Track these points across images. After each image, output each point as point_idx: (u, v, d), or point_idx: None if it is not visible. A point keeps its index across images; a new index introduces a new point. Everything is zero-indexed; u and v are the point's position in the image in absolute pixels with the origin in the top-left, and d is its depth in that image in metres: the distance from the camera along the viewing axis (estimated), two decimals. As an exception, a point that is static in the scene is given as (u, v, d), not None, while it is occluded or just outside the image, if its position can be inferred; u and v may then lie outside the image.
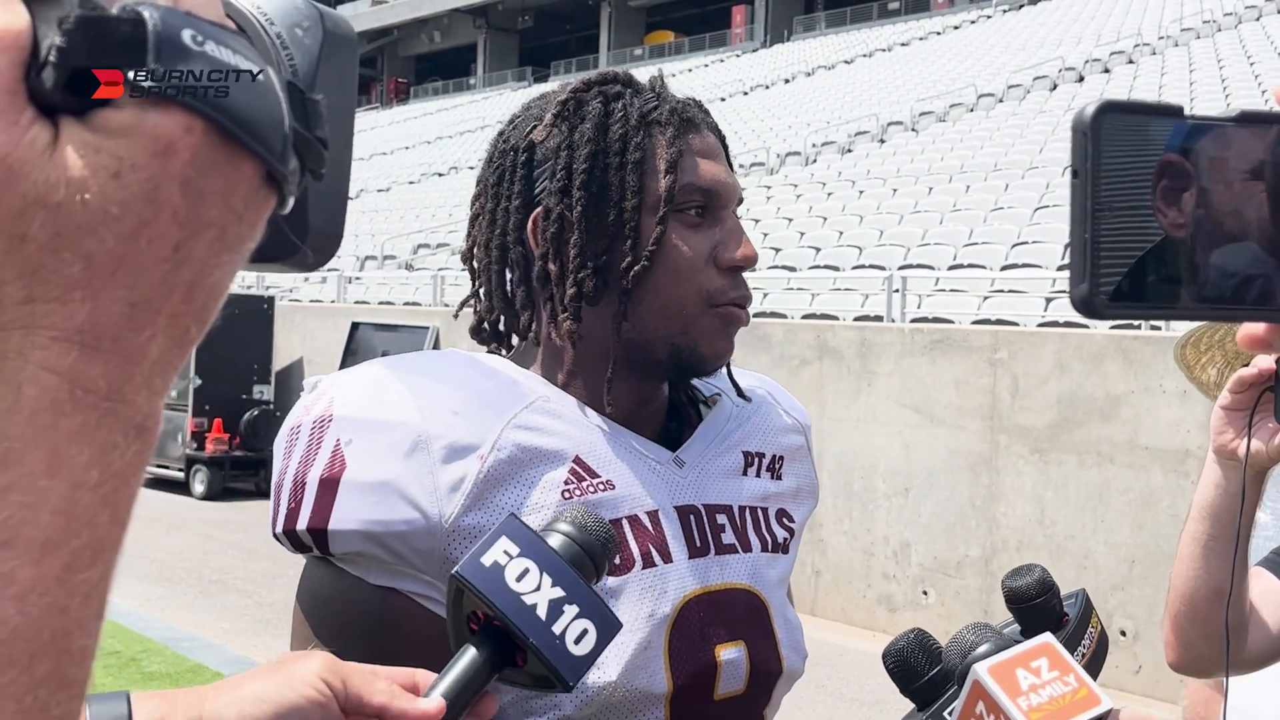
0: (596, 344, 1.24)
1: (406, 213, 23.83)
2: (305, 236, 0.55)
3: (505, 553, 0.89)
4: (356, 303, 15.52)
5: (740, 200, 1.28)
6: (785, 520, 1.35)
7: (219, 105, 0.46)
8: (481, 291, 1.31)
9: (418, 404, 1.14)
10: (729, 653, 1.22)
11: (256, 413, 13.21)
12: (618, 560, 1.16)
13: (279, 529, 1.15)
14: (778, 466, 1.36)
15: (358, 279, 17.09)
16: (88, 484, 0.46)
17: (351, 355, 12.98)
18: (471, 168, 27.34)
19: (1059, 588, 1.33)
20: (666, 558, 1.20)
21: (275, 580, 8.79)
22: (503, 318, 1.30)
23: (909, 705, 1.23)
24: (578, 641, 0.88)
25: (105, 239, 0.45)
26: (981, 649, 1.10)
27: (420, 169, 29.74)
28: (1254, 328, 0.62)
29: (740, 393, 1.36)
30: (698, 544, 1.24)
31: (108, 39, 0.45)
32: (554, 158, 1.23)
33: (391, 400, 1.14)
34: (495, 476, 1.13)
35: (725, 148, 1.30)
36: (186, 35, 0.46)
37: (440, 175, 28.43)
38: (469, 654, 0.88)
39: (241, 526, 11.01)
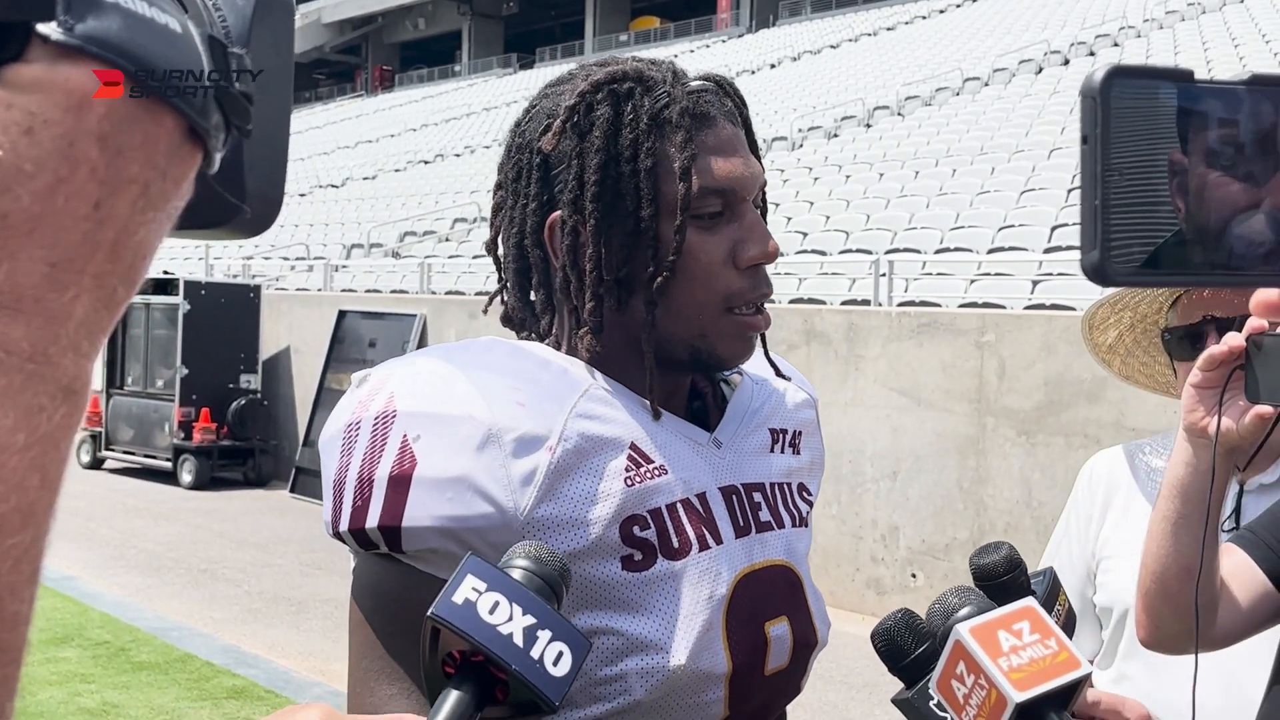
0: (620, 345, 1.23)
1: (393, 200, 23.77)
2: (243, 201, 0.54)
3: (474, 589, 0.91)
4: (343, 291, 15.49)
5: (764, 184, 1.26)
6: (805, 494, 1.37)
7: (134, 57, 0.45)
8: (509, 284, 1.31)
9: (484, 397, 1.13)
10: (776, 628, 1.25)
11: (244, 402, 13.19)
12: (675, 544, 1.18)
13: (344, 527, 1.12)
14: (798, 442, 1.37)
15: (344, 267, 17.04)
16: (14, 447, 0.45)
17: (339, 344, 12.96)
18: (458, 155, 27.30)
19: (1026, 565, 1.33)
20: (718, 539, 1.21)
21: (264, 569, 8.78)
22: (524, 316, 1.29)
23: (898, 686, 1.24)
24: (555, 663, 0.91)
25: (20, 197, 0.44)
26: (964, 610, 1.11)
27: (406, 157, 29.65)
28: (1269, 293, 0.61)
29: (779, 373, 1.38)
30: (741, 524, 1.25)
31: None
32: (566, 164, 1.21)
33: (457, 394, 1.13)
34: (564, 467, 1.13)
35: (747, 126, 1.27)
36: None
37: (426, 163, 28.34)
38: (452, 695, 0.90)
39: (230, 516, 11.00)
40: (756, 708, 1.24)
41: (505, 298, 1.32)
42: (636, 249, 1.20)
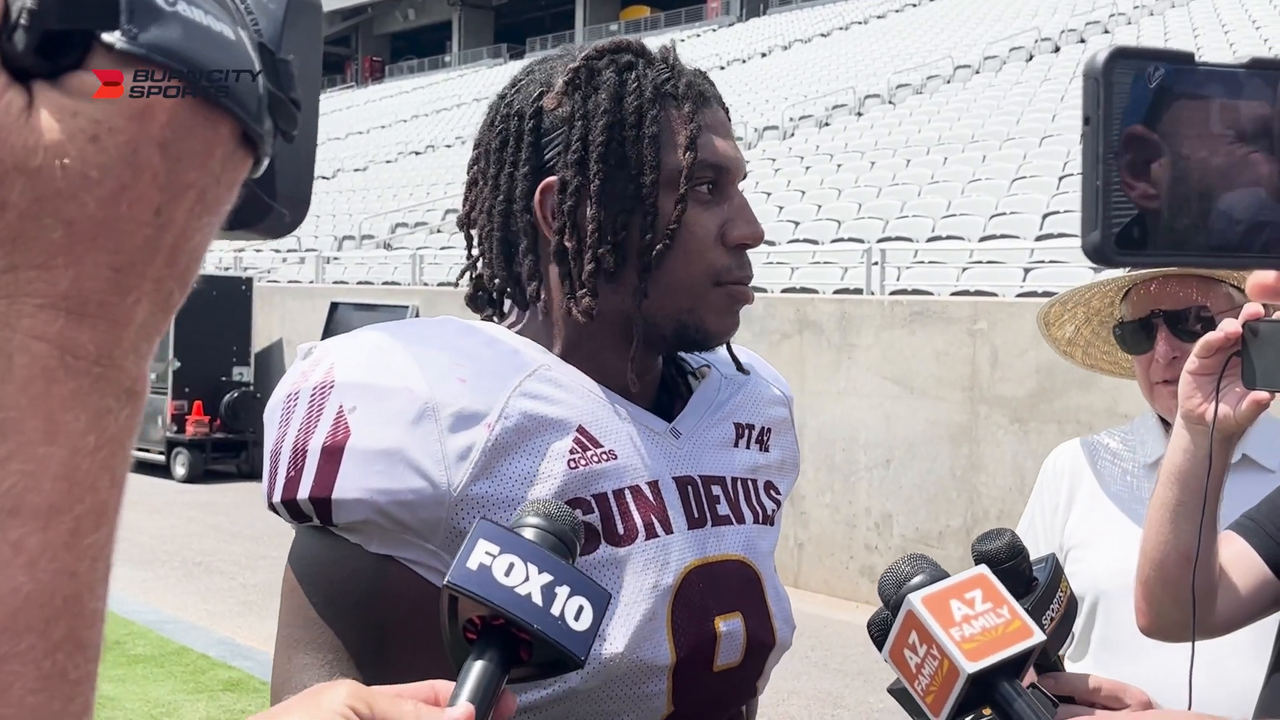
0: (606, 319, 1.22)
1: (384, 192, 23.71)
2: (274, 202, 0.55)
3: (487, 553, 0.90)
4: (335, 283, 15.47)
5: (745, 175, 1.27)
6: (772, 492, 1.34)
7: (195, 65, 0.46)
8: (480, 260, 1.29)
9: (423, 371, 1.11)
10: (728, 624, 1.22)
11: (236, 394, 13.17)
12: (621, 531, 1.16)
13: (277, 498, 1.11)
14: (765, 439, 1.35)
15: (336, 259, 17.02)
16: (86, 449, 0.46)
17: (331, 336, 12.93)
18: (449, 146, 27.23)
19: (1029, 552, 1.34)
20: (668, 528, 1.19)
21: (258, 562, 8.78)
22: (506, 286, 1.27)
23: (892, 676, 1.24)
24: (577, 618, 0.90)
25: (86, 203, 0.45)
26: (916, 579, 1.09)
27: (397, 148, 29.59)
28: (1264, 275, 0.62)
29: (740, 366, 1.36)
30: (695, 515, 1.23)
31: (79, 0, 0.44)
32: (567, 126, 1.20)
33: (396, 366, 1.11)
34: (503, 445, 1.11)
35: (730, 122, 1.29)
36: None
37: (417, 154, 28.29)
38: (477, 662, 0.89)
39: (223, 509, 10.99)
40: (703, 704, 1.21)
41: (476, 273, 1.30)
42: (634, 216, 1.20)
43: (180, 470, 12.88)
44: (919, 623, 1.05)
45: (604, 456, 1.17)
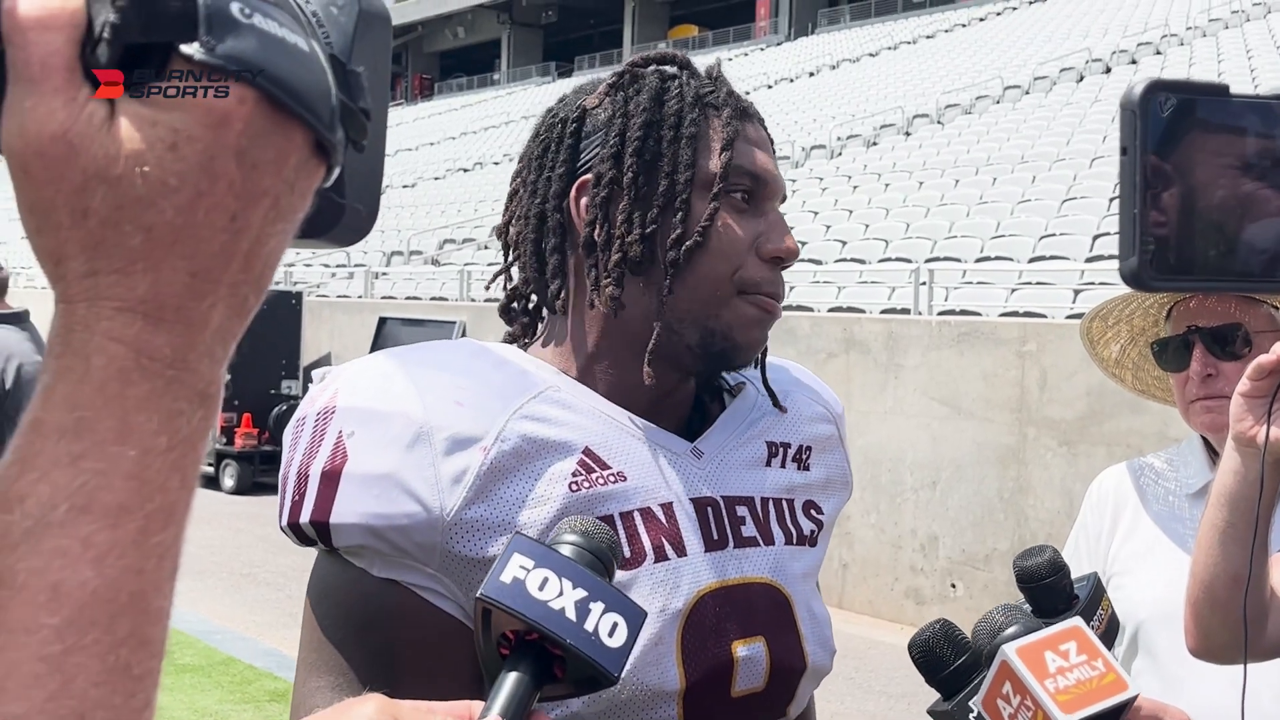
0: (629, 322, 1.21)
1: (432, 208, 23.88)
2: (343, 211, 0.56)
3: (521, 567, 0.90)
4: (383, 298, 15.58)
5: (784, 197, 1.27)
6: (813, 511, 1.31)
7: (270, 75, 0.47)
8: (514, 269, 1.29)
9: (420, 395, 1.11)
10: (746, 649, 1.19)
11: (285, 407, 13.26)
12: (628, 554, 1.14)
13: (284, 522, 1.13)
14: (805, 457, 1.32)
15: (384, 274, 17.14)
16: (157, 450, 0.47)
17: (379, 350, 13.01)
18: (496, 163, 27.39)
19: (1070, 568, 1.33)
20: (680, 551, 1.17)
21: (304, 574, 8.76)
22: (534, 288, 1.27)
23: (936, 696, 1.23)
24: (611, 634, 0.89)
25: (164, 210, 0.46)
26: (1010, 630, 1.10)
27: (445, 165, 29.79)
28: None
29: (775, 400, 1.32)
30: (715, 537, 1.20)
31: (160, 14, 0.45)
32: (606, 126, 1.21)
33: (395, 391, 1.12)
34: (499, 468, 1.10)
35: (772, 144, 1.29)
36: (235, 8, 0.47)
37: (465, 171, 28.47)
38: (510, 676, 0.88)
39: (270, 521, 10.99)
40: None
41: (510, 282, 1.30)
42: (665, 213, 1.20)
43: (229, 482, 12.99)
44: (1013, 674, 1.05)
45: (612, 478, 1.15)
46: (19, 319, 4.00)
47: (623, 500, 1.15)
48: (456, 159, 30.36)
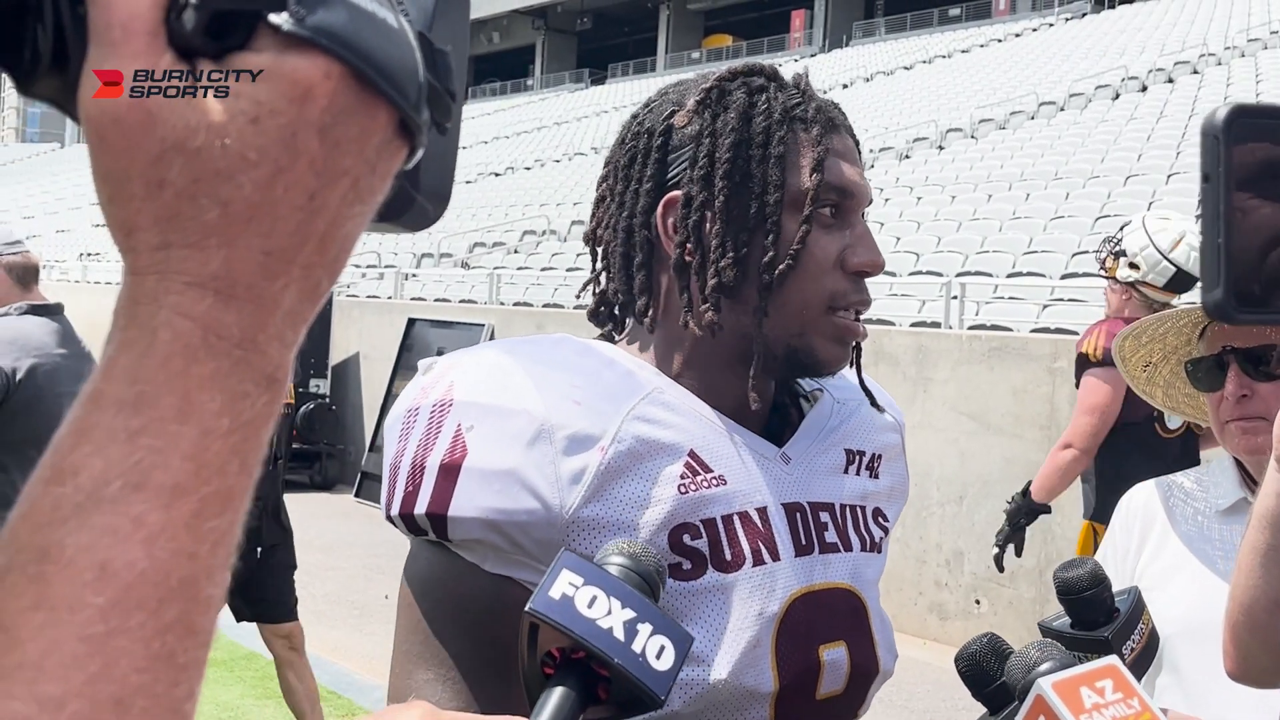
0: (722, 337, 1.22)
1: (463, 211, 23.94)
2: (417, 195, 0.54)
3: (570, 584, 0.89)
4: (413, 299, 15.62)
5: (870, 202, 1.27)
6: (880, 520, 1.33)
7: (358, 50, 0.45)
8: (603, 275, 1.29)
9: (540, 392, 1.12)
10: (831, 653, 1.21)
11: (313, 406, 13.31)
12: (729, 557, 1.15)
13: (395, 511, 1.13)
14: (876, 465, 1.34)
15: (414, 276, 17.19)
16: (218, 431, 0.45)
17: (407, 351, 13.05)
18: (528, 168, 27.46)
19: (1111, 582, 1.32)
20: (775, 556, 1.18)
21: (328, 572, 8.85)
22: (627, 302, 1.28)
23: (957, 716, 1.22)
24: (658, 657, 0.88)
25: (243, 185, 0.45)
26: (1045, 665, 1.09)
27: (477, 169, 29.87)
28: None
29: (873, 400, 1.34)
30: (803, 542, 1.22)
31: None
32: (695, 144, 1.21)
33: (514, 387, 1.12)
34: (615, 468, 1.12)
35: (859, 150, 1.29)
36: None
37: (497, 175, 28.54)
38: (556, 692, 0.87)
39: (297, 518, 11.02)
40: None
41: (599, 287, 1.30)
42: (756, 235, 1.20)
43: (255, 479, 13.03)
44: (1048, 708, 1.04)
45: (713, 482, 1.17)
46: (51, 311, 4.00)
47: (724, 504, 1.17)
48: (488, 163, 30.44)
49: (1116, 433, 4.64)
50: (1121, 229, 4.77)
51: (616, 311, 1.30)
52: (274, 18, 0.44)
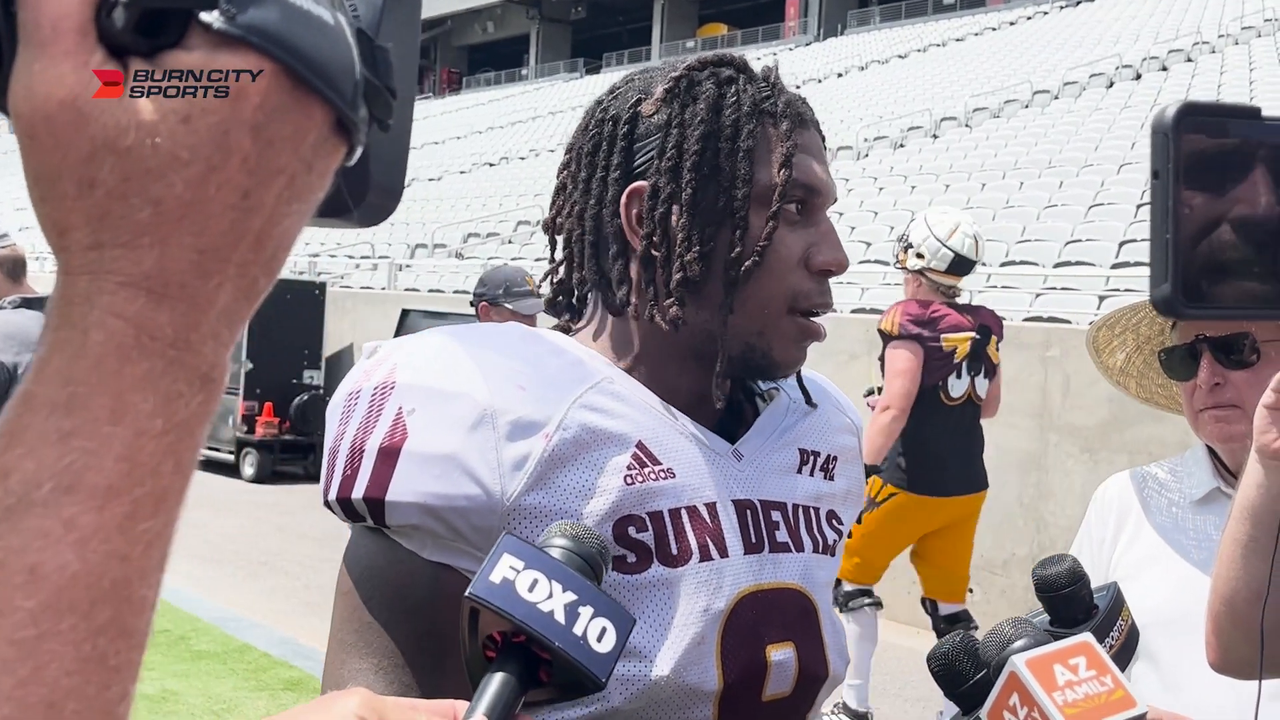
0: (682, 331, 1.20)
1: (457, 202, 23.92)
2: (367, 191, 0.54)
3: (511, 568, 0.88)
4: (407, 290, 15.61)
5: (834, 200, 1.25)
6: (834, 523, 1.31)
7: (291, 48, 0.45)
8: (564, 264, 1.27)
9: (485, 377, 1.09)
10: (779, 653, 1.18)
11: (306, 397, 13.31)
12: (675, 551, 1.13)
13: (332, 496, 1.11)
14: (831, 467, 1.32)
15: (408, 266, 17.18)
16: (152, 432, 0.45)
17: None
18: (522, 158, 27.42)
19: (1089, 578, 1.32)
20: (723, 552, 1.16)
21: (322, 563, 8.86)
22: (593, 290, 1.25)
23: (951, 705, 1.22)
24: (599, 640, 0.88)
25: (174, 184, 0.44)
26: (1019, 642, 1.09)
27: (471, 159, 29.82)
28: None
29: (809, 399, 1.32)
30: (753, 540, 1.19)
31: None
32: (662, 134, 1.19)
33: (458, 371, 1.10)
34: (559, 456, 1.09)
35: (825, 148, 1.27)
36: None
37: (491, 165, 28.49)
38: (496, 676, 0.87)
39: (290, 510, 11.10)
40: None
41: (557, 276, 1.28)
42: (722, 229, 1.18)
43: (249, 470, 13.03)
44: (1021, 685, 1.04)
45: (662, 474, 1.14)
46: (44, 303, 4.00)
47: (672, 497, 1.14)
48: (483, 153, 30.39)
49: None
50: (909, 225, 5.55)
51: (575, 301, 1.28)
52: (205, 16, 0.44)
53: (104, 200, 0.44)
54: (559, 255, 1.28)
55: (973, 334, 5.43)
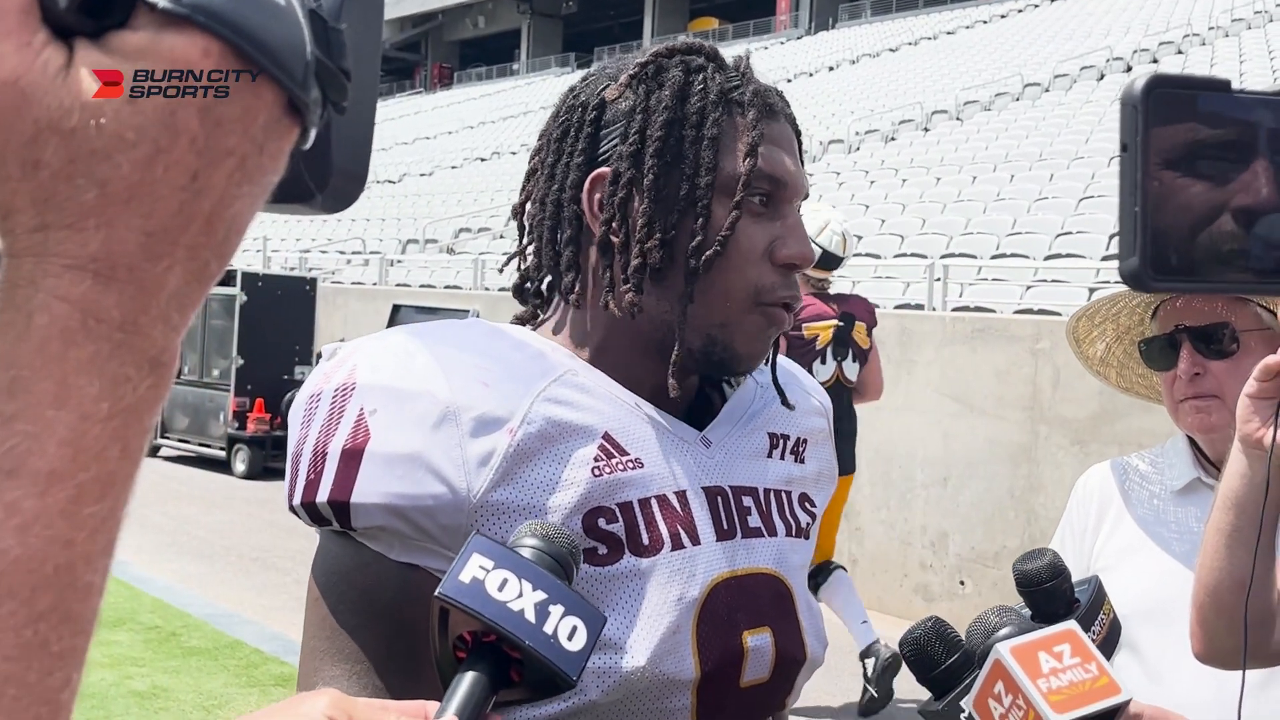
0: (641, 322, 1.19)
1: (449, 197, 23.89)
2: (329, 176, 0.54)
3: (481, 568, 0.88)
4: (398, 285, 15.60)
5: (805, 196, 1.23)
6: (807, 505, 1.30)
7: (238, 27, 0.44)
8: (530, 250, 1.26)
9: (446, 374, 1.08)
10: (756, 639, 1.18)
11: (297, 393, 13.29)
12: (646, 541, 1.12)
13: (297, 501, 1.09)
14: (801, 450, 1.31)
15: (399, 261, 17.16)
16: (97, 416, 0.45)
17: (392, 337, 13.05)
18: (514, 153, 27.39)
19: (1070, 572, 1.32)
20: (695, 540, 1.15)
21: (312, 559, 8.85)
22: (548, 275, 1.24)
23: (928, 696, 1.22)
24: (570, 638, 0.88)
25: (120, 165, 0.44)
26: (1004, 630, 1.09)
27: (463, 154, 29.81)
28: None
29: (781, 394, 1.30)
30: (725, 526, 1.19)
31: None
32: (626, 119, 1.17)
33: (418, 369, 1.08)
34: (525, 451, 1.08)
35: (799, 141, 1.25)
36: None
37: (483, 160, 28.48)
38: (467, 676, 0.86)
39: (280, 506, 10.95)
40: None
41: (524, 263, 1.27)
42: (685, 218, 1.16)
43: (240, 466, 13.01)
44: (1006, 673, 1.05)
45: (629, 465, 1.13)
46: None
47: (641, 487, 1.13)
48: (474, 148, 30.37)
49: None
50: None
51: (543, 289, 1.27)
52: None
53: (49, 182, 0.43)
54: (524, 241, 1.27)
55: (836, 322, 5.81)
